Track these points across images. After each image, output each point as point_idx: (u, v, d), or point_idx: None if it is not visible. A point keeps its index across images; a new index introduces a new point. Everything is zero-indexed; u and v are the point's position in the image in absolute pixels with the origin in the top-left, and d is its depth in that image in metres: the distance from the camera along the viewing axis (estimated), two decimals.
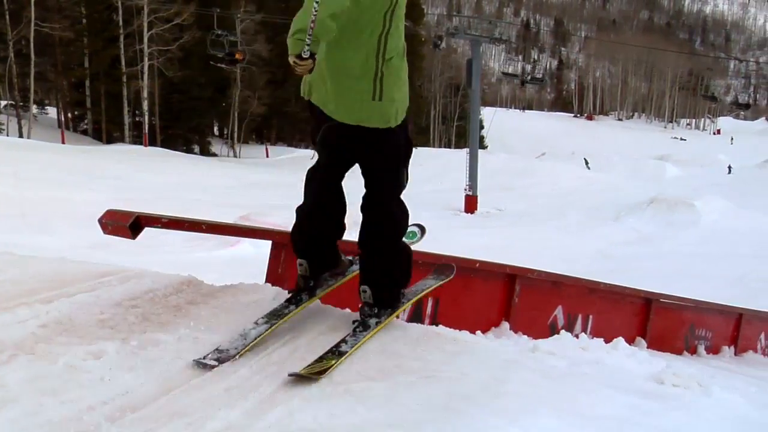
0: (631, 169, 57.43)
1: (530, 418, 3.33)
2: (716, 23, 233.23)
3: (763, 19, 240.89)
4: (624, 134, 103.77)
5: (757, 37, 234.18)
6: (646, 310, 7.90)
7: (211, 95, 57.43)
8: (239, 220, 23.05)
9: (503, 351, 4.36)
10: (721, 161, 68.08)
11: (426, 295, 4.91)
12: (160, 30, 51.91)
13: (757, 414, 4.39)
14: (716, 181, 48.64)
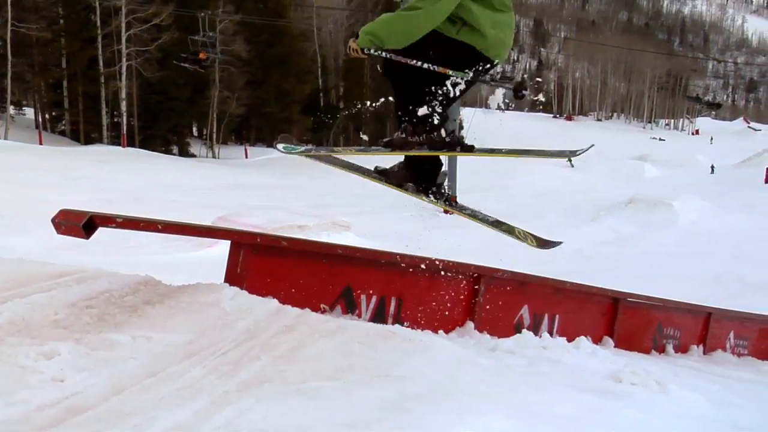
0: (610, 169, 57.55)
1: (479, 416, 3.33)
2: (695, 24, 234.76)
3: (741, 19, 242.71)
4: (603, 135, 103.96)
5: (735, 37, 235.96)
6: (613, 309, 7.92)
7: (189, 96, 57.16)
8: (218, 221, 22.92)
9: (458, 350, 4.37)
10: (699, 161, 68.39)
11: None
12: (139, 30, 51.72)
13: (715, 412, 4.42)
14: (695, 181, 48.84)
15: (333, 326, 4.20)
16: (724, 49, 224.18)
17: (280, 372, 3.59)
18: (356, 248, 5.94)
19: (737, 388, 6.58)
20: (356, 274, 5.52)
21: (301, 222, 23.85)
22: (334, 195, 38.02)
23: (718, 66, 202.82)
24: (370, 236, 24.15)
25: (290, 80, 63.14)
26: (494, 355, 4.62)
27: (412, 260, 6.04)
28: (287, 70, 62.83)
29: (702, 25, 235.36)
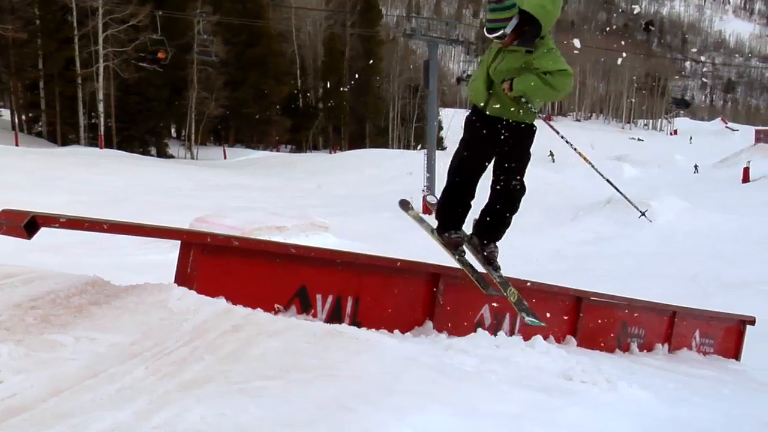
0: (589, 169, 57.59)
1: (420, 414, 3.34)
2: (673, 25, 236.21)
3: (719, 20, 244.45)
4: (582, 135, 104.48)
5: (713, 38, 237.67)
6: (576, 308, 7.94)
7: (167, 97, 56.98)
8: (195, 222, 22.82)
9: (405, 349, 4.37)
10: (678, 161, 68.77)
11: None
12: (116, 31, 51.43)
13: (665, 410, 4.45)
14: (673, 181, 49.04)
15: (281, 326, 4.19)
16: (702, 49, 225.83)
17: (223, 372, 3.58)
18: (311, 248, 5.92)
19: (697, 385, 6.63)
20: (312, 273, 5.50)
21: (279, 223, 23.81)
22: (314, 196, 38.01)
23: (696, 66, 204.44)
24: (349, 237, 24.14)
25: (269, 81, 63.06)
26: (446, 354, 4.62)
27: (369, 260, 6.05)
28: (266, 71, 62.78)
29: (680, 25, 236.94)
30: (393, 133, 79.57)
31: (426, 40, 40.25)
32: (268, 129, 66.10)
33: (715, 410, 5.14)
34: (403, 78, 76.38)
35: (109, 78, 52.73)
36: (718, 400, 5.86)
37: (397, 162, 50.03)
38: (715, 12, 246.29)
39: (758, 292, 20.35)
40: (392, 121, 79.49)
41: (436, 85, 39.68)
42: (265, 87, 62.73)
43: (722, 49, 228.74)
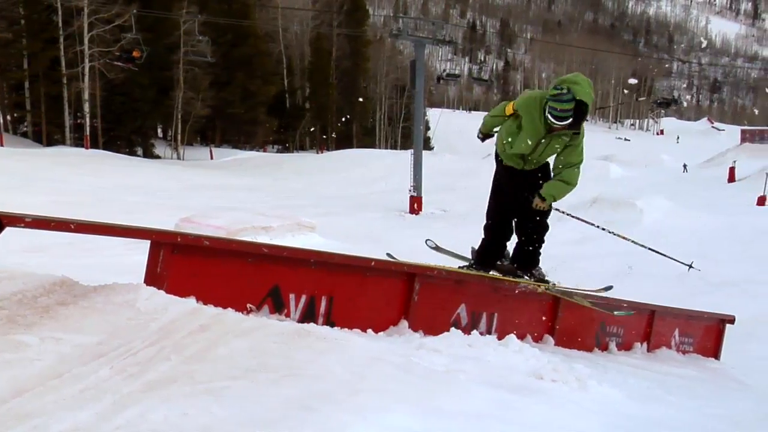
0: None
1: (384, 414, 3.35)
2: (659, 25, 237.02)
3: (705, 21, 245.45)
4: None
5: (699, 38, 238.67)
6: (554, 307, 7.96)
7: (153, 97, 56.80)
8: (181, 222, 22.72)
9: (373, 348, 4.37)
10: (665, 161, 69.01)
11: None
12: (101, 31, 51.23)
13: (635, 408, 4.47)
14: (660, 180, 49.19)
15: (249, 325, 4.18)
16: (689, 50, 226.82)
17: (188, 372, 3.57)
18: (283, 247, 5.90)
19: (672, 384, 6.66)
20: (284, 273, 5.49)
21: (265, 223, 23.79)
22: (301, 196, 37.98)
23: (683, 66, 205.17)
24: (336, 237, 24.13)
25: (255, 81, 62.94)
26: (417, 354, 4.63)
27: (343, 259, 6.04)
28: (252, 71, 62.66)
29: (667, 26, 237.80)
30: (380, 133, 79.57)
31: (412, 40, 40.24)
32: (255, 129, 65.96)
33: (687, 409, 5.16)
34: (390, 78, 76.45)
35: (94, 78, 52.45)
36: (692, 398, 5.89)
37: (384, 162, 50.07)
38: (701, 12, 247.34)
39: (743, 291, 20.46)
40: (379, 121, 79.47)
41: (422, 86, 39.68)
42: (252, 87, 62.61)
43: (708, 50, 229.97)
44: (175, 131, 59.76)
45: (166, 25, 55.36)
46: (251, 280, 5.30)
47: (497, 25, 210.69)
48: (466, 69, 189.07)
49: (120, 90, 54.23)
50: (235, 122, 63.90)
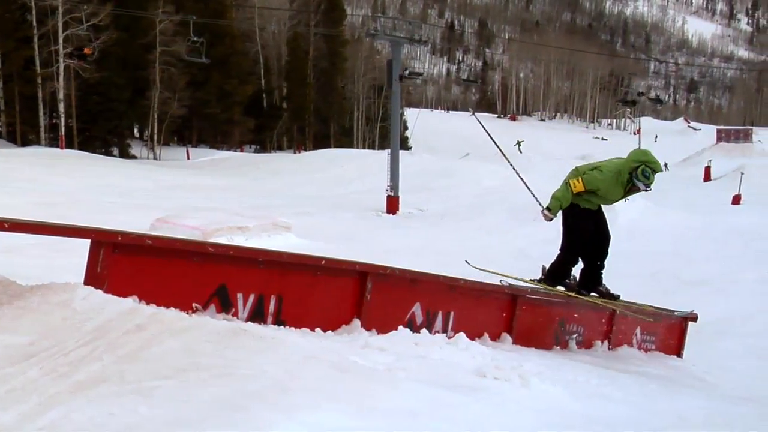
0: (553, 168, 57.92)
1: (314, 413, 3.34)
2: (636, 25, 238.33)
3: (682, 21, 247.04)
4: (546, 134, 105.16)
5: (676, 38, 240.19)
6: (512, 306, 7.97)
7: (129, 97, 56.44)
8: (156, 223, 22.62)
9: (309, 347, 4.36)
10: None
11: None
12: (76, 31, 50.89)
13: (576, 405, 4.48)
14: None
15: (185, 325, 4.16)
16: (665, 49, 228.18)
17: (119, 372, 3.55)
18: (230, 246, 5.91)
19: (624, 382, 6.68)
20: (232, 272, 5.46)
21: (240, 223, 23.73)
22: (277, 196, 37.89)
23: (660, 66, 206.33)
24: (311, 237, 24.15)
25: (232, 81, 62.61)
26: (361, 352, 4.62)
27: (293, 258, 6.03)
28: (229, 71, 62.37)
29: (644, 25, 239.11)
30: (358, 132, 79.46)
31: (389, 40, 40.18)
32: (232, 129, 65.69)
33: (633, 405, 5.19)
34: (368, 78, 76.36)
35: (69, 78, 52.14)
36: (642, 395, 5.92)
37: (361, 162, 50.04)
38: (678, 12, 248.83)
39: (716, 290, 20.63)
40: (357, 121, 79.37)
41: (399, 86, 39.63)
42: (229, 87, 62.28)
43: (685, 49, 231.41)
44: (152, 131, 59.41)
45: (142, 24, 55.04)
46: (197, 280, 5.27)
47: (475, 25, 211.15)
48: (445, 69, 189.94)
49: (95, 90, 53.84)
50: (212, 122, 63.61)
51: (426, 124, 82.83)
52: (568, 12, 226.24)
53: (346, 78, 76.04)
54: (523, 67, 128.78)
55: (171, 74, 56.83)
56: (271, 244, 21.50)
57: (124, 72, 55.01)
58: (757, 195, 36.45)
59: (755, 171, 41.39)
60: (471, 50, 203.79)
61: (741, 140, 68.35)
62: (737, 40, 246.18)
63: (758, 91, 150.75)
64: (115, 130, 57.93)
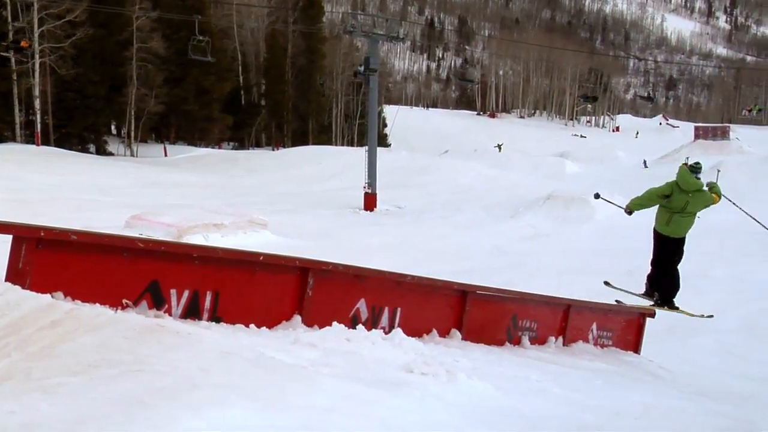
0: (531, 166, 58.08)
1: (221, 409, 3.30)
2: (616, 22, 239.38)
3: (661, 18, 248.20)
4: (525, 132, 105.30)
5: (655, 36, 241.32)
6: (461, 302, 7.95)
7: (106, 93, 56.11)
8: (131, 220, 22.58)
9: (226, 343, 4.32)
10: (620, 158, 69.65)
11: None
12: (52, 27, 50.54)
13: (503, 400, 4.47)
14: (614, 176, 49.60)
15: (102, 321, 4.10)
16: (645, 47, 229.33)
17: (26, 369, 3.50)
18: (161, 242, 5.82)
19: (568, 377, 6.69)
20: (165, 268, 5.41)
21: (216, 220, 23.68)
22: (255, 193, 37.82)
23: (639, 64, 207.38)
24: (288, 234, 24.16)
25: (210, 78, 62.35)
26: (290, 348, 4.60)
27: (229, 254, 5.99)
28: (207, 68, 61.99)
29: (623, 23, 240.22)
30: (336, 129, 79.33)
31: (365, 37, 40.14)
32: (210, 126, 65.37)
33: (569, 401, 5.18)
34: (347, 75, 76.09)
35: (45, 74, 51.75)
36: (582, 391, 5.91)
37: (339, 159, 50.04)
38: (657, 10, 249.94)
39: (688, 285, 20.73)
40: (336, 118, 79.24)
41: (377, 83, 39.62)
42: (206, 84, 62.03)
43: (664, 47, 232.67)
44: (129, 128, 59.05)
45: (119, 21, 54.69)
46: (127, 276, 5.22)
47: (455, 22, 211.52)
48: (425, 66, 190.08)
49: (72, 86, 53.53)
50: (190, 119, 63.31)
51: (406, 121, 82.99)
52: (547, 9, 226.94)
53: (325, 75, 75.81)
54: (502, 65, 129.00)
55: (148, 71, 56.55)
56: (247, 242, 21.50)
57: (101, 68, 54.69)
58: (733, 192, 36.59)
59: (732, 168, 41.63)
60: (451, 48, 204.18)
61: (718, 138, 68.69)
62: (716, 38, 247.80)
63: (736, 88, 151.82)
64: (91, 126, 57.56)
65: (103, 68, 54.97)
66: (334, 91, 78.77)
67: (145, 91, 56.93)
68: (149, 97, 57.03)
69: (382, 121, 75.22)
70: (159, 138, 65.93)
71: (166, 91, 58.33)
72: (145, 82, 56.93)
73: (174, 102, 59.63)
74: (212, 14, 66.57)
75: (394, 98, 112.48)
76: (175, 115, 62.56)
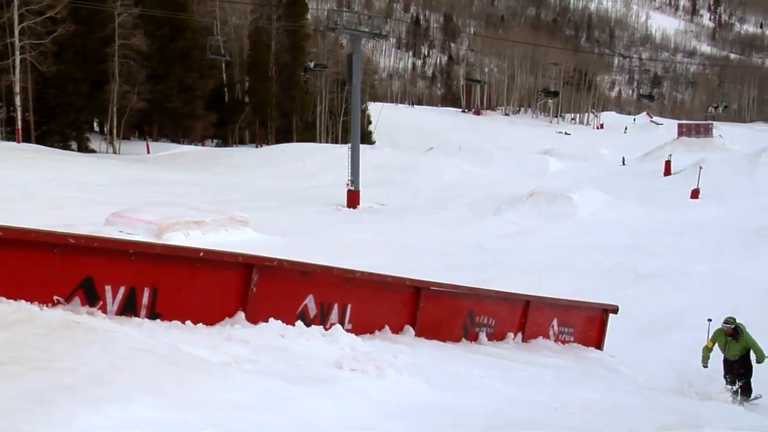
0: (515, 163, 58.11)
1: (124, 405, 3.26)
2: (601, 20, 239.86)
3: (645, 16, 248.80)
4: (510, 129, 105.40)
5: (640, 33, 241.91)
6: (415, 298, 7.91)
7: (88, 90, 55.78)
8: (111, 217, 22.46)
9: (141, 340, 4.28)
10: (604, 155, 69.79)
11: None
12: (32, 23, 50.18)
13: (431, 396, 4.45)
14: (597, 174, 49.73)
15: (17, 318, 4.06)
16: (629, 44, 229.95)
17: None
18: (94, 238, 5.73)
19: (519, 374, 6.67)
20: (99, 264, 5.35)
21: (197, 218, 23.59)
22: (237, 190, 37.74)
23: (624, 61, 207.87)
24: (270, 231, 24.13)
25: (193, 75, 62.13)
26: (221, 344, 4.55)
27: (167, 250, 5.94)
28: (190, 65, 61.89)
29: (608, 21, 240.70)
30: (321, 127, 79.23)
31: (349, 34, 40.06)
32: (193, 123, 65.11)
33: (504, 396, 5.16)
34: (331, 72, 76.02)
35: (26, 71, 51.40)
36: (523, 387, 5.90)
37: (322, 156, 49.97)
38: (642, 7, 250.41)
39: (668, 282, 20.91)
40: (320, 115, 79.13)
41: (359, 80, 39.54)
42: (189, 81, 61.80)
43: (648, 44, 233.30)
44: (111, 125, 58.73)
45: (101, 17, 54.39)
46: (58, 272, 5.14)
47: (441, 19, 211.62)
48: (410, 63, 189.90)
49: (53, 83, 53.15)
50: (173, 116, 63.02)
51: (391, 118, 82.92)
52: (532, 7, 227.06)
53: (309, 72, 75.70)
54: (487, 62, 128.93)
55: (130, 68, 56.24)
56: (228, 239, 21.45)
57: (83, 65, 54.39)
58: (715, 189, 36.84)
59: (714, 165, 41.82)
60: (436, 45, 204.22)
61: (702, 135, 68.89)
62: (700, 36, 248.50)
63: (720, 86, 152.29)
64: (73, 123, 57.25)
65: (84, 65, 54.65)
66: (318, 88, 78.65)
67: (128, 88, 56.60)
68: (131, 94, 56.72)
69: (366, 118, 75.08)
70: (142, 135, 65.65)
71: (149, 88, 58.03)
72: (128, 78, 56.60)
73: (157, 99, 59.33)
74: (195, 11, 66.32)
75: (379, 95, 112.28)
76: (157, 112, 62.30)
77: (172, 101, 60.62)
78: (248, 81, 72.76)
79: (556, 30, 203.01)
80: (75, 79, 54.06)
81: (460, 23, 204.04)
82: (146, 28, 57.44)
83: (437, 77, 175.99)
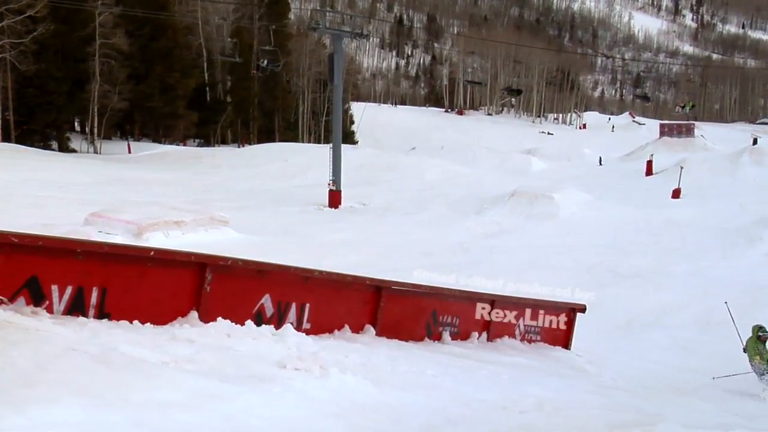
0: (497, 163, 58.20)
1: (48, 406, 3.22)
2: (584, 20, 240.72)
3: (628, 16, 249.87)
4: (493, 129, 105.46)
5: (623, 33, 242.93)
6: (376, 297, 7.87)
7: (68, 90, 55.55)
8: (90, 217, 22.32)
9: (74, 339, 4.24)
10: (586, 155, 69.96)
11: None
12: (12, 22, 49.87)
13: (374, 395, 4.43)
14: (579, 173, 49.87)
15: None
16: (612, 44, 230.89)
17: None
18: (39, 236, 5.65)
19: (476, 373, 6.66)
20: (45, 263, 5.29)
21: (177, 217, 23.49)
22: (218, 190, 37.66)
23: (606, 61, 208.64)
24: (250, 231, 24.07)
25: (174, 74, 61.95)
26: (165, 344, 4.51)
27: (116, 249, 5.89)
28: (171, 64, 61.69)
29: (591, 21, 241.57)
30: (303, 126, 79.10)
31: (331, 34, 40.03)
32: (175, 123, 64.91)
33: (456, 396, 5.14)
34: (313, 71, 75.91)
35: (6, 70, 51.13)
36: (476, 386, 5.88)
37: (304, 156, 49.91)
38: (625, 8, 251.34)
39: (648, 281, 20.99)
40: (302, 115, 79.00)
41: (341, 80, 39.47)
42: (171, 80, 61.61)
43: (631, 45, 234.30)
44: (92, 125, 58.49)
45: (81, 16, 54.15)
46: (2, 272, 5.07)
47: (424, 19, 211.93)
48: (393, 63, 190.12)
49: (33, 82, 52.93)
50: (154, 116, 62.87)
51: (374, 118, 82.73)
52: (516, 7, 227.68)
53: (292, 72, 75.51)
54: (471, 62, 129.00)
55: (111, 67, 56.03)
56: (208, 239, 21.38)
57: (63, 64, 54.21)
58: (696, 189, 37.03)
59: (696, 165, 42.08)
60: (420, 45, 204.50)
61: (683, 135, 69.10)
62: (682, 36, 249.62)
63: (702, 86, 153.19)
64: (53, 123, 57.02)
65: (65, 64, 54.47)
66: (301, 88, 78.51)
67: (109, 88, 56.39)
68: (113, 94, 56.50)
69: (349, 118, 75.01)
70: (123, 135, 65.37)
71: (130, 87, 57.82)
72: (109, 78, 56.38)
73: (138, 98, 59.12)
74: (176, 10, 66.10)
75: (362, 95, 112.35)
76: (139, 112, 62.14)
77: (154, 101, 60.43)
78: (230, 80, 72.60)
79: (540, 30, 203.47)
80: (55, 79, 53.85)
81: (443, 23, 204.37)
82: (127, 27, 57.23)
83: (420, 77, 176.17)
